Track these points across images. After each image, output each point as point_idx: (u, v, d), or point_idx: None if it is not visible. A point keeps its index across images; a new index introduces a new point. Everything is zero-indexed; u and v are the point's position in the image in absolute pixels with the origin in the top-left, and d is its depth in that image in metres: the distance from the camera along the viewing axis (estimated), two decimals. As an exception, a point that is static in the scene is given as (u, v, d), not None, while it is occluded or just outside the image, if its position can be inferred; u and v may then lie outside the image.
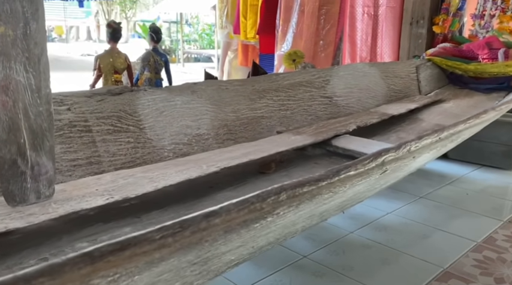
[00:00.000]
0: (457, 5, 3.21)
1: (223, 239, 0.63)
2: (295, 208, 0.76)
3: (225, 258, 0.78)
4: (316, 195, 0.77)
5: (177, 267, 0.62)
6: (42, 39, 1.08)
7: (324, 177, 0.75)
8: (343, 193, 0.92)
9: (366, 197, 1.36)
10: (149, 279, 0.58)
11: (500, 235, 1.76)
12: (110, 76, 2.99)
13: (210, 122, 1.83)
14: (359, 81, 2.58)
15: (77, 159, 1.37)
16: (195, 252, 0.60)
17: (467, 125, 1.23)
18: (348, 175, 0.80)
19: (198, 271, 0.73)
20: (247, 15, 4.35)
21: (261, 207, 0.63)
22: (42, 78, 1.06)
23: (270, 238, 0.89)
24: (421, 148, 1.05)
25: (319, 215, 1.01)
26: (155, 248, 0.50)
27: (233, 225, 0.61)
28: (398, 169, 1.08)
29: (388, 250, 1.64)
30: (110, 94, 1.58)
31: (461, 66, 2.93)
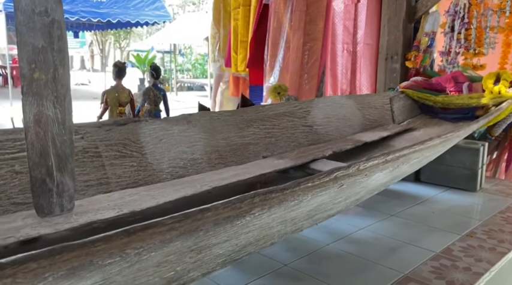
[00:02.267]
0: (426, 43, 3.55)
1: (213, 231, 0.88)
2: (268, 211, 1.00)
3: (215, 251, 1.02)
4: (283, 201, 1.01)
5: (180, 251, 0.85)
6: (67, 81, 1.34)
7: (288, 186, 1.00)
8: (308, 201, 1.16)
9: (335, 210, 1.60)
10: (160, 258, 0.82)
11: (457, 247, 2.00)
12: (115, 109, 3.28)
13: (203, 148, 2.09)
14: (337, 112, 2.86)
15: (89, 180, 1.61)
16: (193, 240, 0.84)
17: (412, 150, 1.50)
18: (307, 186, 1.05)
19: (194, 259, 0.97)
20: (237, 50, 4.68)
21: (240, 206, 0.88)
22: (66, 113, 1.31)
23: (250, 238, 1.13)
24: (370, 168, 1.31)
25: (291, 221, 1.25)
26: (167, 229, 0.74)
27: (220, 219, 0.85)
28: (354, 184, 1.33)
29: (360, 260, 1.88)
30: (117, 125, 1.83)
31: (431, 98, 3.23)
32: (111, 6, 14.48)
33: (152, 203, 1.43)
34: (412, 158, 1.58)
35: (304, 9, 4.12)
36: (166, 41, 18.51)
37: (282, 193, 0.99)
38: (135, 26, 15.99)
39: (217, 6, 5.06)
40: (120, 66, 3.49)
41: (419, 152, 1.58)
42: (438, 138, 1.68)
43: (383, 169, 1.41)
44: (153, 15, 15.41)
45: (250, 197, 0.91)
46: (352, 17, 3.95)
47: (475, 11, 3.29)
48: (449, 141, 1.84)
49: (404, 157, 1.47)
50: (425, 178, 3.03)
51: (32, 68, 1.23)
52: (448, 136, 1.76)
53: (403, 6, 3.58)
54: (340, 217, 2.33)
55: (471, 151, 2.82)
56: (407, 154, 1.48)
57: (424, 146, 1.57)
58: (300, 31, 4.10)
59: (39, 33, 1.23)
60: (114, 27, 17.08)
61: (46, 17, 1.24)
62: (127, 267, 0.75)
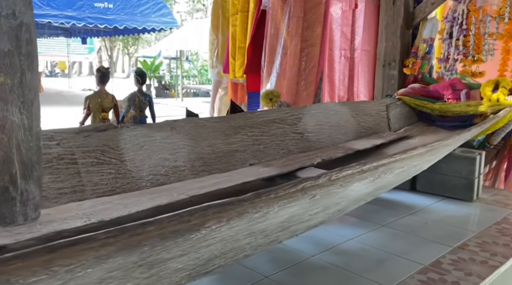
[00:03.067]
0: (424, 50, 3.49)
1: (161, 246, 0.83)
2: (227, 223, 0.96)
3: (171, 265, 0.97)
4: (244, 213, 0.97)
5: (124, 267, 0.81)
6: (35, 86, 1.30)
7: (247, 198, 0.95)
8: (275, 213, 1.11)
9: (316, 220, 1.54)
10: (101, 274, 0.78)
11: (447, 259, 1.93)
12: (98, 115, 3.27)
13: (187, 155, 2.04)
14: (330, 119, 2.81)
15: (63, 188, 1.58)
16: (138, 255, 0.80)
17: (393, 159, 1.44)
18: (270, 197, 1.01)
19: (146, 274, 0.92)
20: (235, 56, 4.66)
21: (189, 219, 0.83)
22: (34, 119, 1.28)
23: (213, 251, 1.08)
24: (345, 178, 1.26)
25: (260, 233, 1.20)
26: (100, 245, 0.70)
27: (166, 233, 0.80)
28: (329, 195, 1.28)
29: (344, 272, 1.82)
30: (96, 131, 1.80)
31: (428, 105, 3.17)
32: (118, 13, 14.59)
33: (124, 213, 1.39)
34: (395, 167, 1.53)
35: (302, 15, 4.09)
36: (172, 47, 18.60)
37: (240, 205, 0.94)
38: (142, 33, 16.09)
39: (215, 13, 5.05)
40: (104, 71, 3.49)
41: (402, 161, 1.52)
42: (423, 147, 1.62)
43: (361, 179, 1.36)
44: (160, 22, 15.50)
45: (202, 210, 0.86)
46: (349, 23, 3.90)
47: (474, 17, 3.23)
48: (436, 150, 1.78)
49: (384, 167, 1.42)
50: (421, 187, 2.96)
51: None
52: (435, 145, 1.70)
53: (401, 12, 3.53)
54: (328, 227, 2.27)
55: (467, 160, 2.75)
56: (388, 164, 1.43)
57: (407, 155, 1.52)
58: (297, 37, 4.06)
59: (5, 37, 1.20)
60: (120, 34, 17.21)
61: (13, 19, 1.21)
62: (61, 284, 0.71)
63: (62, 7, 13.48)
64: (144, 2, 15.26)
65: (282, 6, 4.16)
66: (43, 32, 17.17)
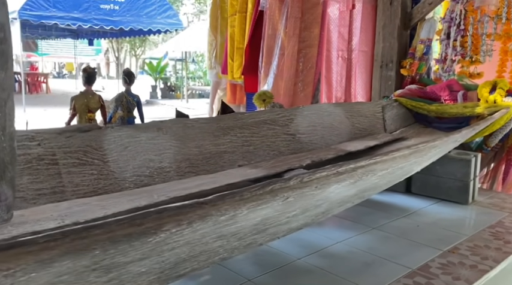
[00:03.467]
0: (422, 50, 3.46)
1: (115, 249, 0.81)
2: (189, 226, 0.94)
3: (132, 269, 0.95)
4: (207, 216, 0.95)
5: (75, 271, 0.79)
6: (9, 85, 1.29)
7: (208, 201, 0.93)
8: (245, 216, 1.09)
9: (297, 223, 1.51)
10: (49, 278, 0.76)
11: (436, 263, 1.90)
12: (84, 115, 3.28)
13: (173, 156, 2.03)
14: (323, 120, 2.78)
15: (42, 189, 1.57)
16: (88, 258, 0.78)
17: (372, 161, 1.42)
18: (234, 200, 0.99)
19: (105, 278, 0.90)
20: (234, 57, 4.64)
21: (141, 223, 0.81)
22: (7, 119, 1.27)
23: (181, 255, 1.06)
24: (319, 180, 1.24)
25: (232, 236, 1.18)
26: (40, 249, 0.68)
27: (117, 237, 0.79)
28: (305, 197, 1.26)
29: (329, 275, 1.79)
30: (79, 131, 1.79)
31: (424, 107, 3.13)
32: (123, 14, 14.68)
33: (100, 214, 1.37)
34: (376, 169, 1.50)
35: (299, 16, 4.06)
36: (178, 48, 18.64)
37: (201, 208, 0.92)
38: (148, 34, 16.15)
39: (214, 13, 5.04)
40: (90, 71, 3.50)
41: (383, 163, 1.49)
42: (406, 149, 1.59)
43: (339, 181, 1.33)
44: (165, 23, 15.56)
45: (156, 213, 0.85)
46: (347, 24, 3.87)
47: (471, 17, 3.18)
48: (421, 151, 1.74)
49: (363, 169, 1.39)
50: (416, 189, 2.92)
51: (-33, 72, 1.19)
52: (420, 147, 1.67)
53: (398, 12, 3.50)
54: (317, 230, 2.25)
55: (462, 162, 2.71)
56: (367, 166, 1.40)
57: (388, 157, 1.49)
58: (294, 38, 4.04)
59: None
60: (126, 35, 17.30)
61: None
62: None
63: (68, 9, 13.57)
64: (149, 4, 15.34)
65: (280, 7, 4.14)
66: (50, 34, 17.32)
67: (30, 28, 13.73)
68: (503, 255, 2.01)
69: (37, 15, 12.44)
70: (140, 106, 3.57)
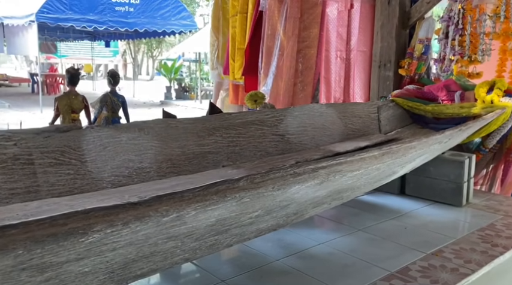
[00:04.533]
0: (420, 50, 3.40)
1: (41, 249, 0.83)
2: (125, 227, 0.94)
3: (72, 269, 0.96)
4: (143, 217, 0.95)
5: (1, 271, 0.80)
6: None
7: (142, 202, 0.94)
8: (194, 216, 1.09)
9: (264, 224, 1.51)
10: None
11: (417, 266, 1.87)
12: (68, 116, 3.34)
13: (154, 156, 2.04)
14: (314, 121, 2.76)
15: (15, 188, 1.60)
16: (12, 258, 0.79)
17: (334, 162, 1.40)
18: (174, 201, 0.99)
19: (41, 278, 0.91)
20: (235, 58, 4.66)
21: (64, 223, 0.82)
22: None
23: (126, 255, 1.06)
24: (274, 180, 1.23)
25: (187, 237, 1.18)
26: None
27: (39, 237, 0.80)
28: (262, 198, 1.25)
29: (304, 277, 1.78)
30: (58, 132, 1.81)
31: (421, 107, 3.08)
32: (138, 16, 14.87)
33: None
34: (344, 170, 1.48)
35: (298, 16, 4.05)
36: (193, 49, 18.78)
37: (134, 209, 0.93)
38: (162, 35, 16.33)
39: (216, 14, 5.06)
40: (73, 72, 3.57)
41: (350, 164, 1.48)
42: (377, 150, 1.57)
43: (300, 181, 1.32)
44: (180, 25, 15.69)
45: (83, 213, 0.86)
46: (345, 24, 3.84)
47: (470, 16, 3.12)
48: (397, 153, 1.71)
49: (326, 170, 1.38)
50: (410, 191, 2.87)
51: None
52: (393, 148, 1.64)
53: (396, 12, 3.45)
54: (300, 231, 2.23)
55: (456, 163, 2.65)
56: (330, 167, 1.39)
57: (354, 158, 1.47)
58: (294, 38, 4.03)
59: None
60: (141, 37, 17.51)
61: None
62: None
63: (83, 11, 13.81)
64: (164, 6, 15.49)
65: (279, 7, 4.13)
66: (68, 36, 17.66)
67: (48, 30, 14.04)
68: (488, 258, 1.96)
69: (54, 18, 12.71)
70: (125, 107, 3.62)
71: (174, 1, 14.90)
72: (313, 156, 2.33)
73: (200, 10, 31.77)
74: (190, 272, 1.81)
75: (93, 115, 3.47)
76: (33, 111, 12.92)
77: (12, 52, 15.50)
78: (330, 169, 1.38)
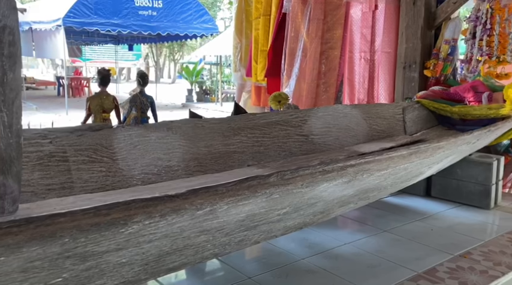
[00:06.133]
0: (447, 51, 3.36)
1: (85, 238, 0.86)
2: (163, 219, 0.97)
3: (111, 259, 1.00)
4: (179, 209, 0.98)
5: (48, 257, 0.84)
6: (17, 85, 1.37)
7: (179, 194, 0.97)
8: (226, 211, 1.12)
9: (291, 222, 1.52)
10: (21, 263, 0.81)
11: (444, 267, 1.85)
12: (99, 115, 3.43)
13: (181, 155, 2.08)
14: (339, 121, 2.76)
15: (51, 184, 1.66)
16: (58, 246, 0.83)
17: (363, 160, 1.40)
18: (208, 194, 1.02)
19: (83, 266, 0.95)
20: (258, 60, 4.69)
21: (107, 213, 0.86)
22: (14, 117, 1.35)
23: (161, 247, 1.10)
24: (304, 178, 1.25)
25: (217, 231, 1.21)
26: (2, 233, 0.74)
27: (84, 225, 0.84)
28: (291, 195, 1.26)
29: (331, 277, 1.78)
30: (91, 130, 1.87)
31: (447, 108, 3.05)
32: (161, 20, 15.08)
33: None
34: (372, 169, 1.48)
35: (322, 18, 4.05)
36: (214, 53, 18.91)
37: (171, 201, 0.96)
38: (184, 39, 16.51)
39: (239, 17, 5.11)
40: (104, 73, 3.66)
41: (379, 163, 1.48)
42: (405, 149, 1.56)
43: (328, 179, 1.33)
44: (201, 28, 15.84)
45: (124, 204, 0.89)
46: (369, 25, 3.82)
47: (498, 16, 3.06)
48: (425, 152, 1.70)
49: (354, 168, 1.38)
50: (436, 192, 2.84)
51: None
52: (422, 148, 1.64)
53: (422, 12, 3.42)
54: (326, 231, 2.24)
55: (484, 165, 2.61)
56: (358, 165, 1.39)
57: (383, 157, 1.47)
58: (317, 40, 4.03)
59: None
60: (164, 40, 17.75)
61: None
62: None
63: (108, 15, 14.09)
64: (186, 9, 15.66)
65: (302, 9, 4.14)
66: (93, 39, 18.02)
67: (74, 34, 14.37)
68: (519, 261, 1.93)
69: (79, 22, 13.01)
70: (154, 107, 3.70)
71: (196, 5, 15.06)
72: (338, 157, 2.34)
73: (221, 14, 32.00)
74: (217, 269, 1.84)
75: (123, 115, 3.57)
76: (59, 113, 13.22)
77: (40, 56, 15.94)
78: (358, 167, 1.39)
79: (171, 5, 15.56)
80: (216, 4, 31.53)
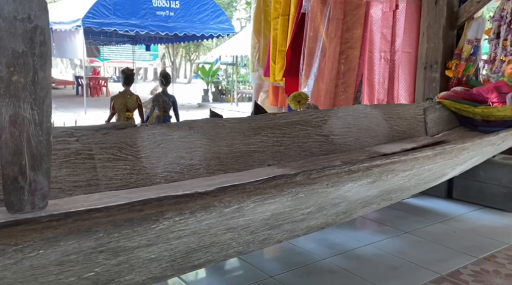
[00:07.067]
0: (469, 51, 3.31)
1: (119, 233, 0.88)
2: (192, 216, 0.99)
3: (141, 255, 1.01)
4: (209, 206, 1.00)
5: (83, 251, 0.86)
6: (47, 84, 1.40)
7: (208, 192, 0.98)
8: (252, 209, 1.13)
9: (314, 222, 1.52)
10: (57, 256, 0.83)
11: (468, 270, 1.83)
12: (123, 114, 3.46)
13: (203, 154, 2.10)
14: (359, 122, 2.74)
15: (78, 181, 1.69)
16: (93, 240, 0.85)
17: (389, 161, 1.39)
18: (236, 192, 1.03)
19: (114, 261, 0.97)
20: (276, 60, 4.68)
21: (141, 209, 0.87)
22: (44, 115, 1.38)
23: (189, 244, 1.11)
24: (329, 177, 1.25)
25: (243, 229, 1.22)
26: (43, 227, 0.76)
27: (118, 221, 0.85)
28: (316, 195, 1.27)
29: (352, 277, 1.78)
30: (115, 129, 1.90)
31: (469, 109, 3.00)
32: (178, 20, 15.20)
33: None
34: (397, 170, 1.47)
35: (342, 18, 4.03)
36: (230, 53, 18.94)
37: (201, 198, 0.97)
38: (201, 39, 16.61)
39: (257, 17, 5.11)
40: (128, 73, 3.70)
41: (404, 164, 1.47)
42: (430, 150, 1.55)
43: (353, 179, 1.33)
44: (218, 28, 15.91)
45: (157, 201, 0.90)
46: (390, 25, 3.79)
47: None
48: (450, 154, 1.68)
49: (380, 168, 1.38)
50: (457, 194, 2.81)
51: (10, 71, 1.30)
52: (447, 148, 1.62)
53: (444, 12, 3.37)
54: (346, 231, 2.23)
55: (508, 167, 2.57)
56: (384, 165, 1.38)
57: (408, 157, 1.46)
58: (336, 39, 4.01)
59: (20, 39, 1.30)
60: (180, 41, 17.88)
61: (28, 23, 1.31)
62: (13, 263, 0.77)
63: (126, 16, 14.26)
64: (203, 10, 15.75)
65: (322, 9, 4.13)
66: (111, 40, 18.25)
67: (93, 35, 14.57)
68: (545, 265, 1.89)
69: (98, 23, 13.18)
70: (176, 106, 3.74)
71: (212, 5, 15.11)
72: (359, 157, 2.32)
73: (237, 14, 32.06)
74: (239, 267, 1.85)
75: (146, 114, 3.61)
76: (78, 112, 13.41)
77: (60, 56, 16.20)
78: (383, 167, 1.38)
79: (188, 5, 15.66)
80: (232, 4, 31.62)
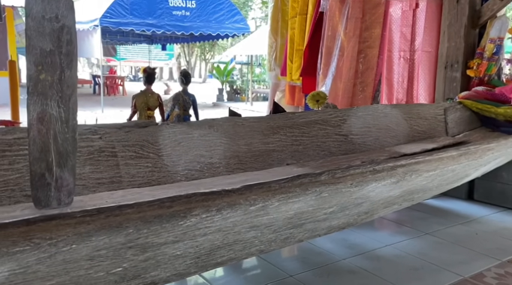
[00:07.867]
0: (492, 50, 3.25)
1: (147, 229, 0.89)
2: (218, 213, 0.99)
3: (167, 251, 1.02)
4: (235, 204, 1.00)
5: (112, 247, 0.87)
6: (73, 83, 1.43)
7: (235, 189, 0.99)
8: (276, 208, 1.13)
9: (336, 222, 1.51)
10: (89, 251, 0.85)
11: (492, 273, 1.80)
12: (144, 112, 3.50)
13: (223, 153, 2.11)
14: (379, 121, 2.72)
15: (101, 178, 1.71)
16: (123, 236, 0.86)
17: (413, 161, 1.38)
18: (262, 190, 1.04)
19: (142, 257, 0.98)
20: (293, 59, 4.67)
21: (170, 205, 0.88)
22: (70, 112, 1.40)
23: (214, 241, 1.12)
24: (353, 177, 1.24)
25: (266, 228, 1.22)
26: (77, 222, 0.77)
27: (148, 217, 0.86)
28: (340, 194, 1.26)
29: (372, 278, 1.76)
30: (137, 127, 1.92)
31: (491, 109, 2.95)
32: (194, 20, 15.29)
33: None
34: (421, 170, 1.46)
35: (360, 17, 4.00)
36: (245, 52, 18.98)
37: (228, 196, 0.97)
38: (216, 39, 16.68)
39: (275, 16, 5.10)
40: (150, 71, 3.74)
41: (428, 164, 1.45)
42: (454, 150, 1.53)
43: (377, 179, 1.32)
44: (233, 28, 15.96)
45: (186, 197, 0.91)
46: (409, 24, 3.75)
47: (548, 13, 2.94)
48: (474, 154, 1.66)
49: (404, 168, 1.37)
50: (479, 196, 2.76)
51: (38, 70, 1.33)
52: (471, 149, 1.60)
53: (466, 10, 3.32)
54: (366, 232, 2.21)
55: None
56: (408, 165, 1.37)
57: (433, 157, 1.44)
58: (355, 38, 3.98)
59: (47, 38, 1.33)
60: (196, 40, 17.97)
61: (56, 22, 1.33)
62: (47, 257, 0.79)
63: (143, 15, 14.39)
64: (218, 10, 15.82)
65: (340, 8, 4.10)
66: (128, 39, 18.45)
67: (110, 34, 14.74)
68: None
69: (116, 22, 13.34)
70: (195, 105, 3.76)
71: (228, 5, 15.16)
72: (379, 157, 2.30)
73: (252, 13, 32.06)
74: (259, 266, 1.85)
75: (166, 113, 3.65)
76: (95, 110, 13.59)
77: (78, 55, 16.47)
78: (408, 167, 1.37)
79: (204, 5, 15.74)
80: (247, 4, 31.65)
